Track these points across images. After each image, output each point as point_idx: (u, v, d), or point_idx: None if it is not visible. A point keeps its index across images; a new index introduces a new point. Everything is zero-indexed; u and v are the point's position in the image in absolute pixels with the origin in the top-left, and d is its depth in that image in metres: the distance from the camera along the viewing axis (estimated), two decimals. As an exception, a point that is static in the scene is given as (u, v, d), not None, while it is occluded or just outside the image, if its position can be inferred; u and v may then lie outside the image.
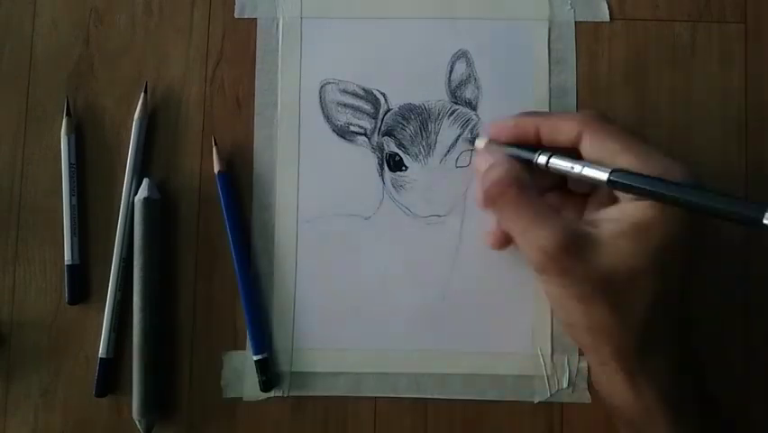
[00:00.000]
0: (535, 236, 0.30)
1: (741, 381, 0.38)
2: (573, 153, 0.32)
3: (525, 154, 0.33)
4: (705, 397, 0.31)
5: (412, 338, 0.38)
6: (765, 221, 0.24)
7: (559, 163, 0.31)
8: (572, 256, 0.29)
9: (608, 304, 0.29)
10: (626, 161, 0.29)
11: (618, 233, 0.29)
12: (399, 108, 0.40)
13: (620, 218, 0.29)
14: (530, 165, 0.32)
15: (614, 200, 0.31)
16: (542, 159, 0.31)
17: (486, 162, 0.34)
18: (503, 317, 0.38)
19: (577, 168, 0.30)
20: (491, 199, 0.32)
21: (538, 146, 0.33)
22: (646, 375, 0.29)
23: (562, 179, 0.34)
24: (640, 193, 0.28)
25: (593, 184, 0.31)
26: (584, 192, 0.33)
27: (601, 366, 0.31)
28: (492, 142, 0.35)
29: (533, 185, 0.32)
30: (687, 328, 0.31)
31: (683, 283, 0.30)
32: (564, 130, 0.31)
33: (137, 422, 0.37)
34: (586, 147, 0.31)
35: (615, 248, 0.28)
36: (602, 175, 0.28)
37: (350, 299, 0.39)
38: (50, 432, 0.38)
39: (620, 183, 0.28)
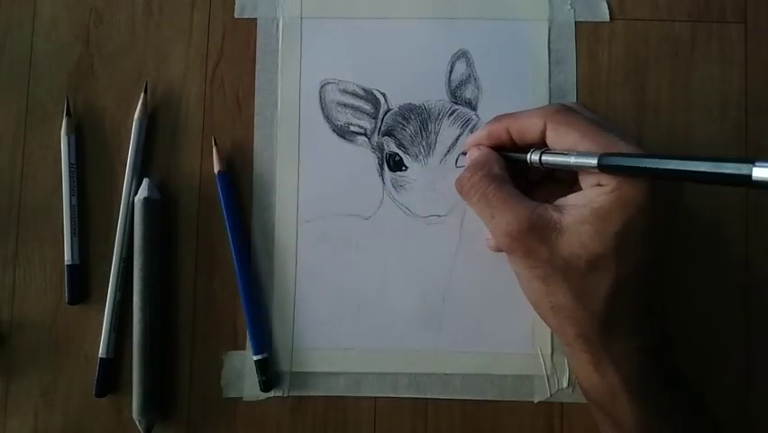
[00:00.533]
0: (501, 221, 0.31)
1: (740, 376, 0.38)
2: (546, 148, 0.32)
3: (517, 156, 0.33)
4: (673, 380, 0.31)
5: (412, 338, 0.38)
6: (755, 176, 0.22)
7: (551, 158, 0.32)
8: (535, 239, 0.30)
9: (569, 287, 0.30)
10: (585, 149, 0.30)
11: (580, 218, 0.29)
12: (399, 108, 0.40)
13: (582, 204, 0.30)
14: (525, 164, 0.33)
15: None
16: (534, 157, 0.32)
17: (470, 159, 0.35)
18: (503, 317, 0.38)
19: (568, 159, 0.30)
20: (461, 189, 0.34)
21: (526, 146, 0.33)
22: (610, 358, 0.30)
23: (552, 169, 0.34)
24: (629, 172, 0.28)
25: (573, 172, 0.32)
26: (569, 180, 0.34)
27: (568, 347, 0.32)
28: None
29: (502, 172, 0.33)
30: (656, 312, 0.32)
31: (649, 268, 0.30)
32: (530, 127, 0.32)
33: (137, 422, 0.37)
34: (550, 140, 0.32)
35: (576, 233, 0.29)
36: (592, 161, 0.29)
37: (350, 299, 0.39)
38: (49, 432, 0.38)
39: (610, 165, 0.28)
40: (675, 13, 0.40)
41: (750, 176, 0.23)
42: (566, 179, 0.34)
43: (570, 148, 0.30)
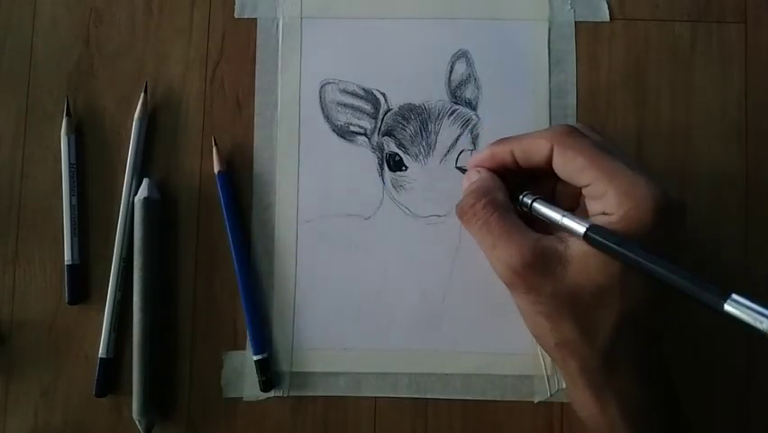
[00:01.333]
0: (503, 253, 0.30)
1: (740, 377, 0.38)
2: (551, 171, 0.32)
3: (511, 193, 0.33)
4: (674, 416, 0.31)
5: (412, 338, 0.38)
6: (726, 308, 0.23)
7: (541, 209, 0.31)
8: (539, 274, 0.29)
9: (573, 321, 0.29)
10: (592, 176, 0.29)
11: (586, 250, 0.29)
12: (399, 108, 0.40)
13: None
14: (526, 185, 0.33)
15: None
16: (526, 200, 0.32)
17: (468, 181, 0.34)
18: (503, 317, 0.38)
19: (557, 217, 0.30)
20: (462, 216, 0.33)
21: (530, 177, 0.33)
22: (612, 392, 0.30)
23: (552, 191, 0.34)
24: (608, 252, 0.28)
25: (576, 197, 0.32)
26: (571, 205, 0.33)
27: (570, 380, 0.31)
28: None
29: (505, 200, 0.32)
30: (656, 346, 0.31)
31: (653, 300, 0.30)
32: (536, 150, 0.31)
33: (137, 422, 0.37)
34: (556, 164, 0.31)
35: (582, 266, 0.29)
36: (580, 229, 0.28)
37: (350, 299, 0.39)
38: (49, 432, 0.38)
39: (593, 240, 0.28)
40: (675, 13, 0.40)
41: (721, 311, 0.24)
42: (568, 204, 0.33)
43: (577, 174, 0.30)
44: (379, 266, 0.39)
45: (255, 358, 0.38)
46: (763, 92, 0.40)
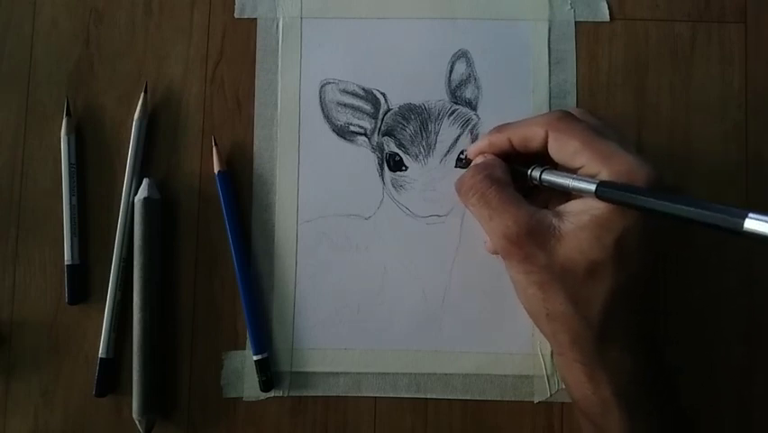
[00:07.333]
0: (499, 224, 0.31)
1: (742, 376, 0.38)
2: (546, 166, 0.32)
3: (519, 168, 0.34)
4: (669, 400, 0.31)
5: (412, 338, 0.38)
6: (746, 227, 0.24)
7: (551, 178, 0.32)
8: (534, 244, 0.30)
9: (565, 293, 0.30)
10: (585, 158, 0.30)
11: (580, 225, 0.30)
12: (399, 108, 0.40)
13: (582, 211, 0.30)
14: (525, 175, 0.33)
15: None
16: (535, 174, 0.33)
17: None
18: (503, 317, 0.38)
19: (567, 182, 0.31)
20: (461, 188, 0.34)
21: (530, 160, 0.34)
22: (603, 368, 0.30)
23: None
24: (621, 203, 0.28)
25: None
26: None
27: (561, 356, 0.32)
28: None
29: (505, 176, 0.33)
30: (650, 325, 0.32)
31: (644, 278, 0.30)
32: (532, 136, 0.32)
33: (137, 422, 0.37)
34: (551, 148, 0.32)
35: (575, 240, 0.29)
36: (590, 187, 0.29)
37: (350, 299, 0.39)
38: (50, 432, 0.38)
39: (605, 195, 0.29)
40: (675, 13, 0.40)
41: (741, 230, 0.24)
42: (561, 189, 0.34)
43: (571, 157, 0.31)
44: (379, 266, 0.39)
45: (255, 358, 0.38)
46: (763, 92, 0.39)
